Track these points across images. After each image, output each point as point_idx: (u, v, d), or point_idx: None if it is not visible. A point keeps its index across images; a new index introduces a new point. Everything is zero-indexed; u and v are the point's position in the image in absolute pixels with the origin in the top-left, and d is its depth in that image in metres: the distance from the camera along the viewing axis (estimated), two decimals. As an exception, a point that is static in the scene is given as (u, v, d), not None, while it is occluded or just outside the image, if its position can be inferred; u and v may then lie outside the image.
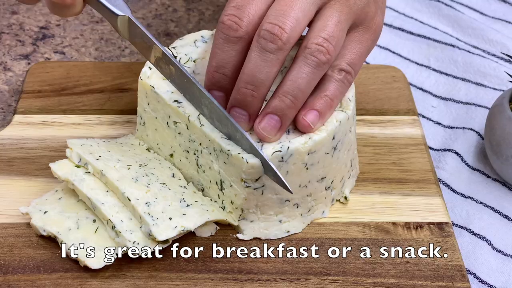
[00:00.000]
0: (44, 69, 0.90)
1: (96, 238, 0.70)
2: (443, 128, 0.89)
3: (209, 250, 0.72)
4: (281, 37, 0.66)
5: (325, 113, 0.70)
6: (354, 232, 0.74)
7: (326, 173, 0.73)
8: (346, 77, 0.71)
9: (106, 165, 0.72)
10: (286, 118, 0.69)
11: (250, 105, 0.68)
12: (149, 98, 0.74)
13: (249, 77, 0.67)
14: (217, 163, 0.70)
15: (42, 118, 0.84)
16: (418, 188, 0.78)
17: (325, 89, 0.70)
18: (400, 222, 0.75)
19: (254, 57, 0.66)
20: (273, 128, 0.69)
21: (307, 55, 0.67)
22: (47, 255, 0.70)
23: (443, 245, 0.73)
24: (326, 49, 0.67)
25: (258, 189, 0.70)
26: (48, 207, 0.72)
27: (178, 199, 0.72)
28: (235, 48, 0.68)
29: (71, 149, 0.74)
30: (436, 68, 0.96)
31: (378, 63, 0.97)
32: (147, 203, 0.70)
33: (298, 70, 0.68)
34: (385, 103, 0.88)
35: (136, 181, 0.72)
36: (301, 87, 0.68)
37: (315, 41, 0.67)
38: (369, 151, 0.82)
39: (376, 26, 0.73)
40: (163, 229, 0.68)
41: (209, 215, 0.71)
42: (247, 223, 0.73)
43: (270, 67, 0.67)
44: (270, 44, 0.66)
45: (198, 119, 0.70)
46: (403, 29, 1.01)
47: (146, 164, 0.75)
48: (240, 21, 0.67)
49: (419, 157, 0.82)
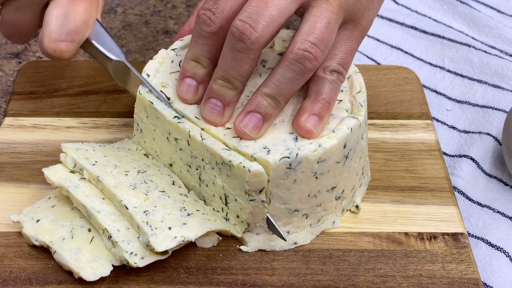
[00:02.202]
0: (36, 68, 0.90)
1: (92, 248, 0.70)
2: (458, 132, 0.89)
3: (211, 262, 0.72)
4: (250, 36, 0.67)
5: (324, 117, 0.72)
6: (364, 243, 0.74)
7: (337, 183, 0.73)
8: (338, 78, 0.72)
9: (102, 171, 0.73)
10: (268, 118, 0.70)
11: (226, 95, 0.70)
12: (148, 112, 0.75)
13: (222, 71, 0.70)
14: (220, 177, 0.71)
15: (34, 121, 0.84)
16: (432, 197, 0.79)
17: (321, 92, 0.71)
18: (413, 232, 0.75)
19: (226, 54, 0.69)
20: (255, 127, 0.70)
21: (292, 60, 0.69)
22: (40, 266, 0.71)
23: (458, 257, 0.73)
24: (313, 55, 0.68)
25: (264, 202, 0.70)
26: (40, 215, 0.72)
27: (178, 207, 0.72)
28: (209, 43, 0.71)
29: (65, 153, 0.74)
30: (451, 69, 0.97)
31: (390, 63, 0.97)
32: (146, 212, 0.70)
33: (282, 74, 0.69)
34: (397, 106, 0.88)
35: (134, 188, 0.72)
36: (283, 91, 0.70)
37: (302, 46, 0.68)
38: (380, 157, 0.82)
39: (366, 22, 0.73)
40: (162, 240, 0.69)
41: (211, 225, 0.72)
42: (252, 235, 0.73)
43: (241, 65, 0.69)
44: (239, 43, 0.68)
45: (200, 134, 0.71)
46: (416, 28, 1.01)
47: (145, 170, 0.75)
48: (214, 16, 0.69)
49: (433, 163, 0.82)
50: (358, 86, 0.75)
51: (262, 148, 0.70)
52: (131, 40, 0.99)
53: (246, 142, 0.70)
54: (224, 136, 0.71)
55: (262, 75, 0.75)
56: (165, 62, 0.77)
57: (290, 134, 0.71)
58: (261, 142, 0.70)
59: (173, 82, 0.75)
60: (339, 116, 0.73)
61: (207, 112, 0.71)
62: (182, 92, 0.73)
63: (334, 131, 0.71)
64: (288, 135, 0.71)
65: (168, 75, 0.76)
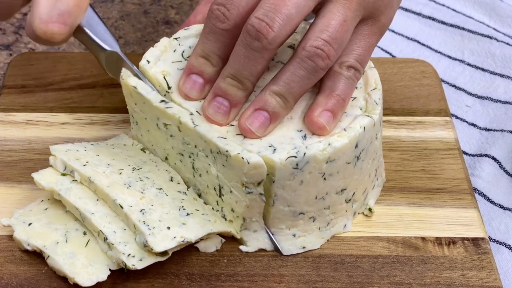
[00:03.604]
0: (28, 61, 0.90)
1: (87, 252, 0.70)
2: (479, 130, 0.89)
3: (215, 268, 0.72)
4: (267, 35, 0.67)
5: (338, 114, 0.72)
6: (379, 248, 0.74)
7: (347, 185, 0.73)
8: (355, 74, 0.72)
9: (94, 171, 0.73)
10: (276, 117, 0.70)
11: (233, 95, 0.70)
12: (135, 98, 0.75)
13: (233, 70, 0.70)
14: (215, 166, 0.71)
15: (26, 116, 0.84)
16: (451, 199, 0.79)
17: (336, 88, 0.71)
18: (431, 237, 0.75)
19: (239, 52, 0.69)
20: (262, 125, 0.70)
21: (304, 58, 0.69)
22: (32, 272, 0.71)
23: (479, 264, 0.73)
24: (326, 53, 0.69)
25: (262, 195, 0.70)
26: (33, 218, 0.73)
27: (176, 206, 0.72)
28: (221, 40, 0.70)
29: (54, 156, 0.75)
30: (471, 63, 0.97)
31: (406, 56, 0.97)
32: (142, 211, 0.70)
33: (292, 72, 0.69)
34: (414, 102, 0.88)
35: (129, 187, 0.72)
36: (293, 90, 0.70)
37: (314, 43, 0.68)
38: (396, 157, 0.82)
39: (386, 19, 0.74)
40: (161, 239, 0.69)
41: (211, 227, 0.72)
42: (250, 233, 0.73)
43: (254, 65, 0.69)
44: (255, 42, 0.68)
45: (191, 119, 0.71)
46: (433, 18, 1.01)
47: (140, 167, 0.75)
48: (229, 12, 0.69)
49: (452, 163, 0.82)
50: (373, 83, 0.75)
51: (268, 146, 0.70)
52: (129, 31, 0.99)
53: (251, 140, 0.70)
54: (227, 133, 0.71)
55: (270, 69, 0.74)
56: (167, 51, 0.76)
57: (299, 131, 0.71)
58: (267, 140, 0.70)
59: (175, 71, 0.75)
60: (352, 114, 0.73)
61: (211, 111, 0.71)
62: (187, 89, 0.72)
63: (346, 130, 0.71)
64: (296, 133, 0.71)
65: (170, 64, 0.75)
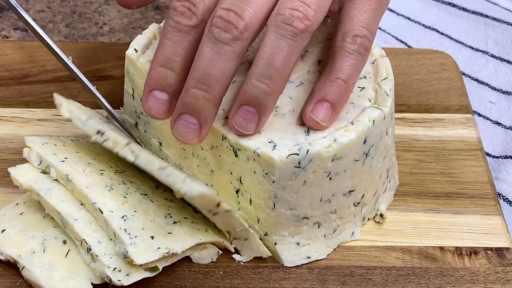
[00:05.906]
0: (2, 50, 0.90)
1: (67, 263, 0.70)
2: (504, 129, 0.89)
3: (209, 280, 0.72)
4: (237, 24, 0.66)
5: (339, 103, 0.71)
6: (392, 259, 0.74)
7: (355, 185, 0.73)
8: (363, 45, 0.70)
9: (73, 169, 0.73)
10: (264, 108, 0.68)
11: (201, 110, 0.67)
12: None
13: (200, 74, 0.66)
14: None
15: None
16: (472, 205, 0.79)
17: (336, 68, 0.70)
18: (450, 247, 0.75)
19: (206, 50, 0.66)
20: (250, 122, 0.69)
21: (279, 23, 0.67)
22: (5, 285, 0.71)
23: (504, 276, 0.73)
24: (303, 13, 0.67)
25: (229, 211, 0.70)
26: (6, 224, 0.73)
27: (162, 214, 0.72)
28: (187, 39, 0.68)
29: (29, 148, 0.74)
30: (496, 54, 0.97)
31: (423, 46, 0.97)
32: (124, 217, 0.70)
33: (271, 44, 0.67)
34: (432, 97, 0.88)
35: (110, 190, 0.72)
36: (276, 65, 0.67)
37: (288, 5, 0.67)
38: (411, 158, 0.82)
39: None
40: (143, 250, 0.68)
41: (201, 236, 0.72)
42: (242, 242, 0.73)
43: (225, 61, 0.66)
44: (223, 33, 0.66)
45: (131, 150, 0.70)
46: (454, 5, 1.01)
47: (124, 170, 0.75)
48: (195, 7, 0.68)
49: (474, 165, 0.82)
50: (384, 72, 0.75)
51: (267, 143, 0.70)
52: (114, 17, 0.99)
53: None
54: (223, 127, 0.71)
55: None
56: (157, 39, 0.77)
57: (301, 126, 0.71)
58: (266, 135, 0.70)
59: None
60: (360, 106, 0.73)
61: (179, 132, 0.68)
62: (151, 109, 0.69)
63: (353, 123, 0.71)
64: (299, 128, 0.71)
65: None
